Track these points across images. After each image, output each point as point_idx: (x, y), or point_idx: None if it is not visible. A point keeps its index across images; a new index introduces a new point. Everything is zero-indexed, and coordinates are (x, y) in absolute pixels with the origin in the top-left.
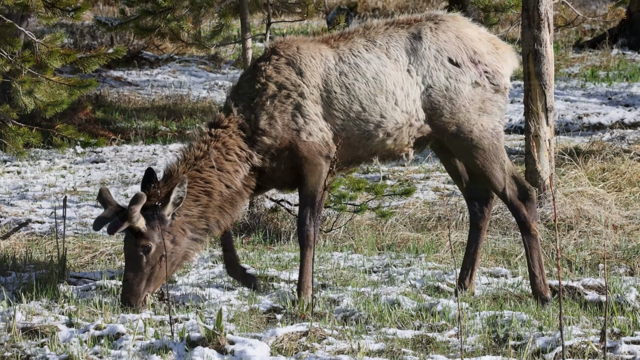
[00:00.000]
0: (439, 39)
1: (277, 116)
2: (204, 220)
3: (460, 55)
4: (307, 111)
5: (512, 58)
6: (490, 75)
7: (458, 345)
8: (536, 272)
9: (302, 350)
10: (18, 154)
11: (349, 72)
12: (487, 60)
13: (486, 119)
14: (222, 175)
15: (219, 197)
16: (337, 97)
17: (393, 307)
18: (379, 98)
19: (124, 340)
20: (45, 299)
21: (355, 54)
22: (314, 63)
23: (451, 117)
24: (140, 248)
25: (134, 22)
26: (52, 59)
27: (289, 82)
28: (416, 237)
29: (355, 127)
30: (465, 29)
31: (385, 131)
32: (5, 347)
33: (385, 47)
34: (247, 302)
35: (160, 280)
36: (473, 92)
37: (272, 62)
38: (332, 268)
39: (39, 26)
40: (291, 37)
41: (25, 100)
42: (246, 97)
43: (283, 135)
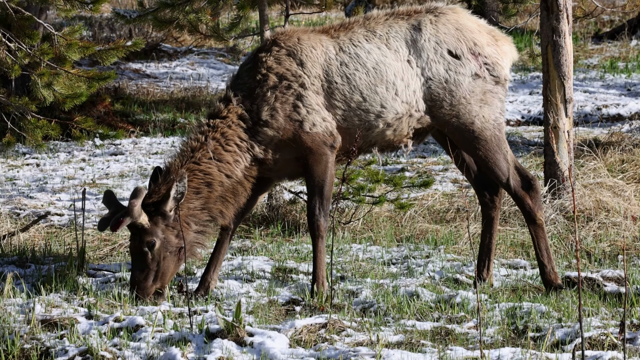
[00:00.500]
0: (438, 31)
1: (279, 107)
2: (206, 212)
3: (460, 47)
4: (309, 102)
5: (512, 50)
6: (490, 67)
7: (477, 337)
8: (545, 262)
9: (321, 342)
10: (37, 146)
11: (350, 62)
12: (487, 52)
13: (487, 110)
14: (221, 166)
15: (220, 188)
16: (338, 88)
17: (412, 299)
18: (380, 88)
19: (143, 332)
20: (64, 291)
21: (356, 44)
22: (314, 53)
23: (451, 109)
24: (144, 244)
25: (153, 14)
26: (70, 51)
27: (289, 73)
28: (435, 229)
29: (356, 118)
30: (464, 20)
31: (386, 121)
32: (25, 339)
33: (385, 37)
34: (266, 294)
35: (169, 275)
36: (473, 84)
37: (273, 53)
38: (351, 260)
39: (57, 19)
40: (292, 28)
41: (44, 92)
42: (246, 87)
43: (285, 126)
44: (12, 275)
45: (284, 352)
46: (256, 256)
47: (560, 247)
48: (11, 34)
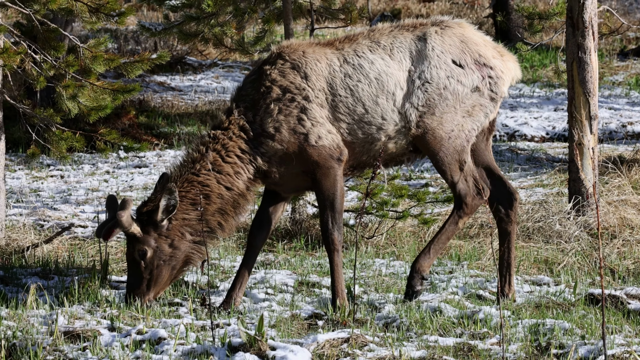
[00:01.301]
0: (444, 42)
1: (282, 120)
2: (204, 223)
3: (464, 57)
4: (313, 114)
5: (516, 67)
6: (493, 81)
7: (500, 353)
8: (432, 248)
9: (343, 356)
10: (61, 158)
11: (353, 74)
12: (493, 64)
13: (469, 122)
14: (220, 178)
15: (219, 200)
16: (342, 100)
17: (435, 315)
18: (380, 99)
19: (166, 345)
20: (87, 303)
21: (360, 55)
22: (319, 67)
23: (440, 115)
24: (136, 253)
25: (178, 27)
26: (96, 63)
27: (293, 86)
28: (458, 245)
29: (360, 131)
30: (470, 34)
31: (387, 133)
32: (48, 351)
33: (389, 47)
34: (289, 308)
35: (163, 283)
36: (469, 96)
37: (278, 66)
38: (374, 275)
39: (83, 31)
40: (297, 41)
41: (69, 104)
42: (249, 98)
43: (290, 139)
44: (36, 286)
45: None
46: (279, 270)
47: (584, 264)
48: (37, 46)
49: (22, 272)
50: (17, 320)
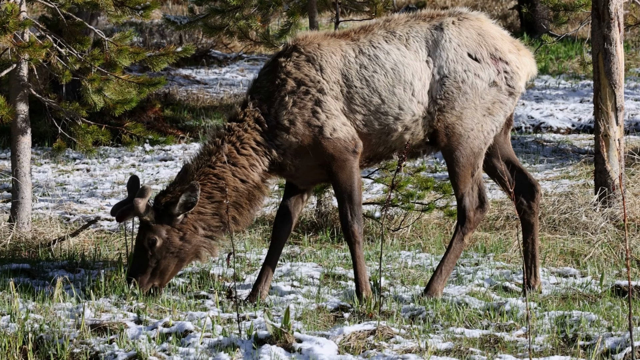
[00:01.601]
0: (460, 33)
1: (297, 113)
2: (218, 218)
3: (480, 51)
4: (328, 107)
5: (532, 62)
6: (509, 76)
7: (526, 345)
8: (443, 273)
9: (369, 349)
10: (87, 151)
11: (369, 65)
12: (509, 58)
13: (488, 121)
14: (236, 170)
15: (234, 193)
16: (358, 92)
17: (461, 307)
18: (397, 89)
19: (192, 337)
20: (113, 296)
21: (375, 46)
22: (334, 59)
23: (460, 111)
24: (146, 241)
25: (203, 20)
26: (121, 57)
27: (308, 79)
28: (484, 237)
29: (376, 122)
30: (487, 27)
31: (404, 124)
32: (75, 344)
33: (405, 37)
34: (315, 300)
35: (168, 275)
36: (487, 91)
37: (293, 59)
38: (400, 267)
39: (108, 25)
40: (313, 33)
41: (94, 98)
42: (264, 90)
43: (304, 132)
44: (62, 280)
45: (332, 358)
46: (305, 262)
47: (611, 256)
48: (62, 40)
49: (48, 265)
50: (44, 313)
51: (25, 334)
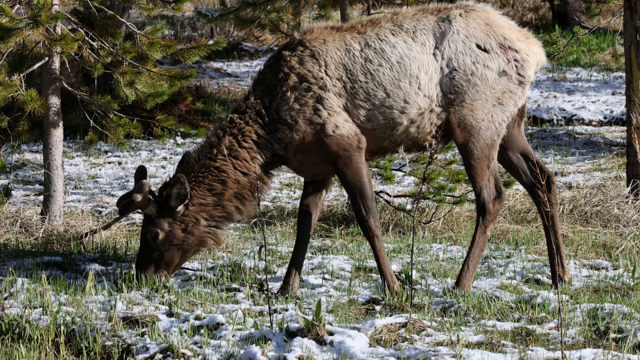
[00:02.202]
0: (468, 24)
1: (298, 109)
2: (220, 209)
3: (489, 41)
4: (330, 104)
5: (541, 51)
6: (519, 64)
7: (558, 337)
8: (470, 266)
9: (401, 341)
10: (119, 144)
11: (374, 58)
12: (518, 47)
13: (499, 112)
14: (237, 163)
15: (236, 185)
16: (362, 86)
17: (492, 299)
18: (403, 83)
19: (224, 330)
20: (145, 289)
21: (382, 39)
22: (338, 55)
23: (471, 103)
24: (149, 233)
25: (234, 13)
26: (152, 50)
27: (310, 75)
28: (516, 229)
29: (381, 116)
30: (495, 17)
31: (409, 117)
32: (107, 336)
33: (412, 30)
34: (346, 293)
35: (173, 266)
36: (498, 81)
37: (297, 53)
38: (431, 259)
39: (140, 18)
40: (319, 27)
41: (126, 91)
42: (266, 83)
43: (306, 129)
44: (94, 272)
45: (364, 351)
46: (336, 255)
47: None
48: (94, 33)
49: (80, 258)
50: (76, 306)
51: (58, 326)
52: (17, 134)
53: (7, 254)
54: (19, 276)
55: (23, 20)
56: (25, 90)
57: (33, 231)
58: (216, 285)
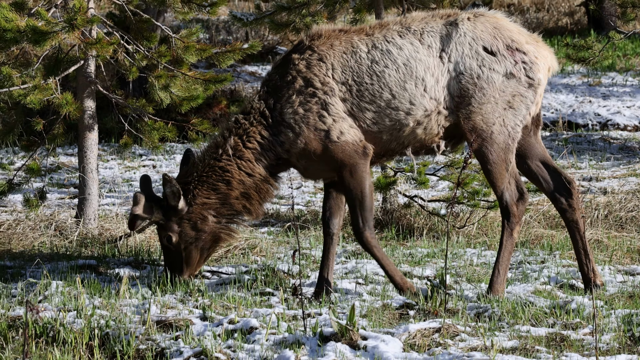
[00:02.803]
0: (476, 27)
1: (302, 114)
2: (227, 206)
3: (496, 44)
4: (336, 110)
5: (551, 56)
6: (527, 66)
7: (592, 343)
8: (500, 271)
9: (434, 346)
10: (154, 148)
11: (381, 59)
12: (526, 49)
13: (510, 115)
14: (241, 164)
15: (241, 186)
16: (368, 88)
17: (526, 305)
18: (409, 84)
19: (257, 334)
20: (179, 292)
21: (389, 40)
22: (345, 58)
23: (478, 107)
24: (164, 239)
25: (269, 17)
26: (188, 53)
27: (317, 79)
28: (550, 234)
29: (387, 118)
30: (503, 22)
31: (415, 119)
32: (140, 340)
33: (419, 32)
34: (380, 297)
35: (196, 263)
36: (506, 84)
37: (305, 56)
38: (465, 264)
39: (175, 21)
40: (328, 30)
41: (161, 94)
42: (272, 84)
43: (309, 135)
44: (128, 276)
45: (398, 356)
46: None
47: None
48: (129, 36)
49: (114, 261)
50: (110, 310)
51: (92, 330)
52: (52, 137)
53: (42, 256)
54: (54, 279)
55: (59, 23)
56: (60, 94)
57: (67, 234)
58: (250, 289)
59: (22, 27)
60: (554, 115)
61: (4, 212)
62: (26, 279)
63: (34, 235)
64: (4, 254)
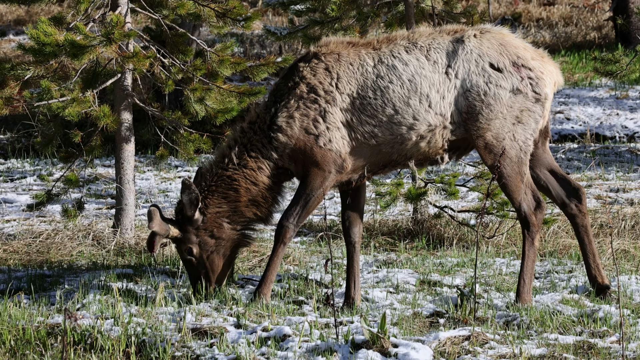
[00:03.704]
0: (482, 44)
1: (297, 117)
2: (239, 214)
3: (502, 60)
4: (333, 119)
5: (557, 71)
6: (534, 82)
7: (620, 351)
8: (526, 279)
9: (464, 354)
10: (189, 159)
11: (386, 75)
12: (532, 65)
13: (520, 130)
14: (246, 173)
15: (248, 194)
16: (371, 102)
17: (554, 313)
18: (412, 100)
19: (290, 341)
20: (214, 301)
21: (395, 55)
22: (351, 70)
23: (486, 122)
24: (184, 253)
25: (303, 31)
26: (222, 67)
27: (321, 87)
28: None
29: (388, 132)
30: (509, 38)
31: (418, 133)
32: (176, 347)
33: (426, 48)
34: (410, 306)
35: (220, 272)
36: (513, 99)
37: (311, 65)
38: (494, 274)
39: (210, 35)
40: (335, 41)
41: (196, 107)
42: (278, 93)
43: (299, 136)
44: (164, 284)
45: None
46: (401, 269)
47: None
48: (165, 50)
49: (151, 270)
50: (146, 317)
51: (129, 337)
52: (90, 149)
53: (80, 265)
54: (91, 288)
55: (96, 37)
56: (98, 106)
57: (105, 244)
58: (283, 297)
59: (60, 41)
60: (582, 127)
61: (43, 222)
62: (64, 287)
63: (72, 244)
64: (43, 263)
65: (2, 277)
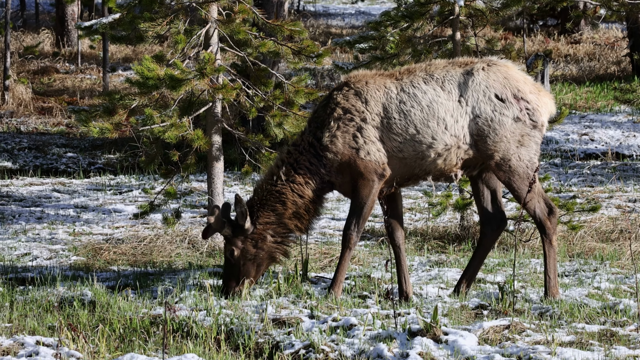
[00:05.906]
0: (489, 77)
1: (339, 135)
2: (283, 226)
3: (505, 92)
4: (368, 134)
5: (551, 103)
6: (531, 112)
7: (638, 338)
8: (550, 276)
9: (504, 340)
10: None
11: (407, 101)
12: (529, 98)
13: (523, 151)
14: (294, 187)
15: (294, 206)
16: (396, 123)
17: (582, 306)
18: (431, 123)
19: (356, 330)
20: (291, 296)
21: (415, 85)
22: (378, 94)
23: (493, 144)
24: (227, 252)
25: (365, 66)
26: (297, 96)
27: (354, 109)
28: (601, 247)
29: (411, 148)
30: (513, 72)
31: (436, 151)
32: (259, 335)
33: (441, 80)
34: (459, 300)
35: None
36: (514, 126)
37: (343, 92)
38: (530, 272)
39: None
40: (363, 72)
41: (275, 130)
42: (319, 119)
43: (343, 151)
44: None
45: (474, 348)
46: (450, 268)
47: None
48: (249, 82)
49: None
50: (234, 310)
51: (219, 326)
52: (186, 166)
53: (178, 265)
54: (187, 284)
55: (191, 72)
56: (192, 130)
57: (199, 247)
58: (350, 292)
59: (161, 75)
60: (604, 147)
61: (147, 229)
62: (165, 284)
63: (171, 247)
64: (146, 264)
65: (113, 275)
